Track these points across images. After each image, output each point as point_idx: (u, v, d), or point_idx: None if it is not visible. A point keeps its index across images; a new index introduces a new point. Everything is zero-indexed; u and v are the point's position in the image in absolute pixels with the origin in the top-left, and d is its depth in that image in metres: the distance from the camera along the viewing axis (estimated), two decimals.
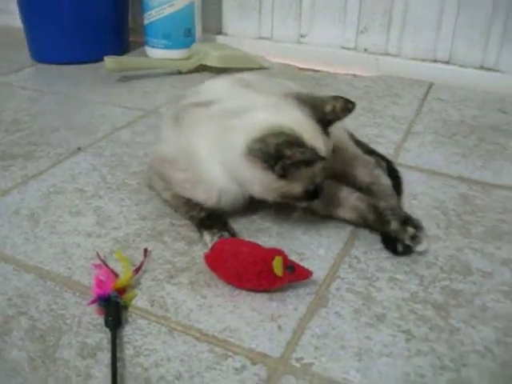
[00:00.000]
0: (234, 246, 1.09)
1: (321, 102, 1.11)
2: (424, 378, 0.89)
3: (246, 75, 1.48)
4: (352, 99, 1.42)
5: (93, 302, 1.02)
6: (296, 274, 1.04)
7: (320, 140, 1.10)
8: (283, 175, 1.08)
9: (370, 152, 1.46)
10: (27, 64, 2.52)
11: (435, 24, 2.15)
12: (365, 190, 1.29)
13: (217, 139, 1.15)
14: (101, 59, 2.32)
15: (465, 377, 0.89)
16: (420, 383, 0.88)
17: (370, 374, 0.90)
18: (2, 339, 0.98)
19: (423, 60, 2.22)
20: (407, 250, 1.17)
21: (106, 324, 0.98)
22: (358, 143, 1.47)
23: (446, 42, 2.15)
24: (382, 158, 1.46)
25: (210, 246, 1.14)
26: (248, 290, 1.06)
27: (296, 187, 1.10)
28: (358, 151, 1.38)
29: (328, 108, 1.09)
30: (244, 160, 1.09)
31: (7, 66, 2.48)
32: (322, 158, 1.08)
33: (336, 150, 1.28)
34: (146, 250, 1.16)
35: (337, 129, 1.35)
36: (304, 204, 1.17)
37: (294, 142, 1.06)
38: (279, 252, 1.04)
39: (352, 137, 1.47)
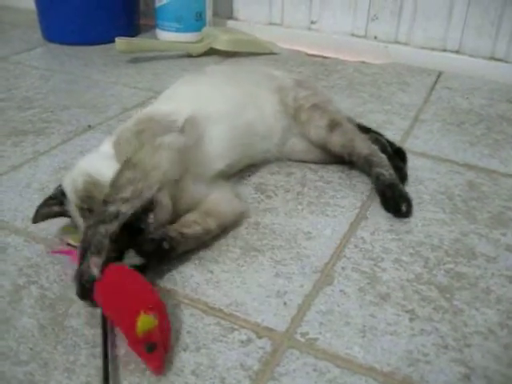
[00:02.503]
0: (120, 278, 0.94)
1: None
2: (427, 357, 0.90)
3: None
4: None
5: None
6: (150, 357, 0.85)
7: None
8: None
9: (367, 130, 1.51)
10: (38, 43, 2.53)
11: (446, 13, 2.15)
12: (363, 161, 1.34)
13: None
14: (111, 41, 2.34)
15: (468, 357, 0.91)
16: (423, 361, 0.89)
17: (373, 350, 0.91)
18: (12, 307, 1.00)
19: (433, 49, 2.22)
20: (409, 211, 1.24)
21: None
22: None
23: (457, 31, 2.15)
24: (379, 134, 1.50)
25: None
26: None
27: None
28: (356, 128, 1.42)
29: None
30: None
31: (19, 46, 2.49)
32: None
33: (336, 125, 1.36)
34: None
35: (334, 113, 1.42)
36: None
37: None
38: (151, 309, 0.86)
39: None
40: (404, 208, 1.24)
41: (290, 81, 1.48)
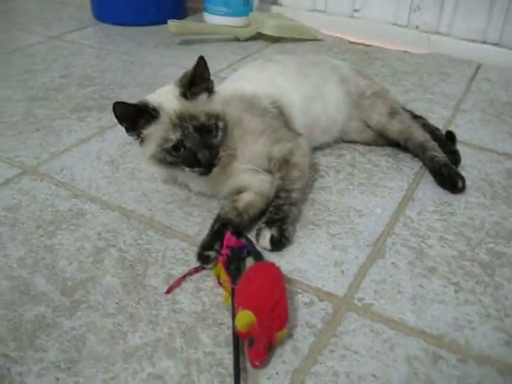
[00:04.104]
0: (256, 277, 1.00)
1: (188, 70, 1.20)
2: (471, 324, 1.00)
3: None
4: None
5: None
6: (250, 349, 0.91)
7: (173, 102, 1.17)
8: (141, 140, 1.19)
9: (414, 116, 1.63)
10: (90, 23, 2.64)
11: (487, 6, 2.21)
12: (418, 146, 1.46)
13: None
14: (160, 23, 2.46)
15: (508, 325, 1.00)
16: (468, 328, 0.99)
17: (424, 316, 1.01)
18: (95, 266, 1.11)
19: (473, 41, 2.29)
20: (464, 186, 1.36)
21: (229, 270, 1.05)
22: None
23: (497, 24, 2.22)
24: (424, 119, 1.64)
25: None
26: None
27: (151, 146, 1.18)
28: (410, 116, 1.55)
29: (188, 72, 1.18)
30: None
31: (71, 24, 2.61)
32: (154, 111, 1.15)
33: (395, 113, 1.48)
34: None
35: (393, 102, 1.54)
36: (194, 170, 1.18)
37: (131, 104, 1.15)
38: (252, 307, 0.91)
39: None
40: (460, 184, 1.36)
41: (349, 69, 1.58)
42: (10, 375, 0.89)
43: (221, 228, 1.15)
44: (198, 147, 1.15)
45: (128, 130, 1.18)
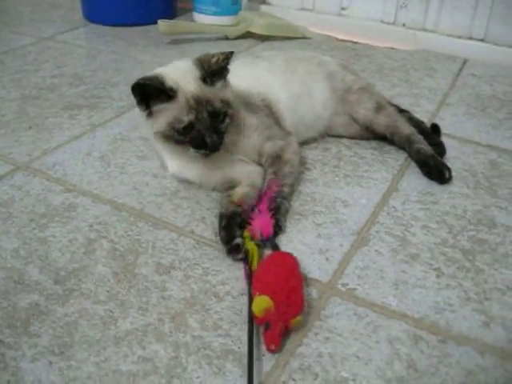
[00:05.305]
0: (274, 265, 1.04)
1: (210, 57, 1.23)
2: (452, 307, 1.04)
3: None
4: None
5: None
6: (266, 334, 0.94)
7: (192, 84, 1.19)
8: (149, 112, 1.21)
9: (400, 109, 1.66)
10: (80, 24, 2.66)
11: (472, 2, 2.25)
12: (404, 140, 1.50)
13: None
14: (149, 23, 2.49)
15: (487, 308, 1.04)
16: (448, 310, 1.03)
17: (405, 300, 1.05)
18: (87, 256, 1.14)
19: (459, 37, 2.33)
20: (450, 177, 1.40)
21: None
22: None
23: (482, 20, 2.26)
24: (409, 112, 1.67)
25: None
26: None
27: (161, 123, 1.21)
28: (396, 110, 1.58)
29: (213, 60, 1.22)
30: None
31: (62, 25, 2.63)
32: (171, 91, 1.17)
33: (381, 108, 1.51)
34: None
35: (379, 96, 1.57)
36: (200, 151, 1.21)
37: (149, 80, 1.18)
38: (269, 293, 0.95)
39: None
40: (447, 174, 1.39)
41: (336, 65, 1.61)
42: (5, 360, 0.92)
43: (229, 221, 1.19)
44: (208, 131, 1.19)
45: (139, 102, 1.21)
